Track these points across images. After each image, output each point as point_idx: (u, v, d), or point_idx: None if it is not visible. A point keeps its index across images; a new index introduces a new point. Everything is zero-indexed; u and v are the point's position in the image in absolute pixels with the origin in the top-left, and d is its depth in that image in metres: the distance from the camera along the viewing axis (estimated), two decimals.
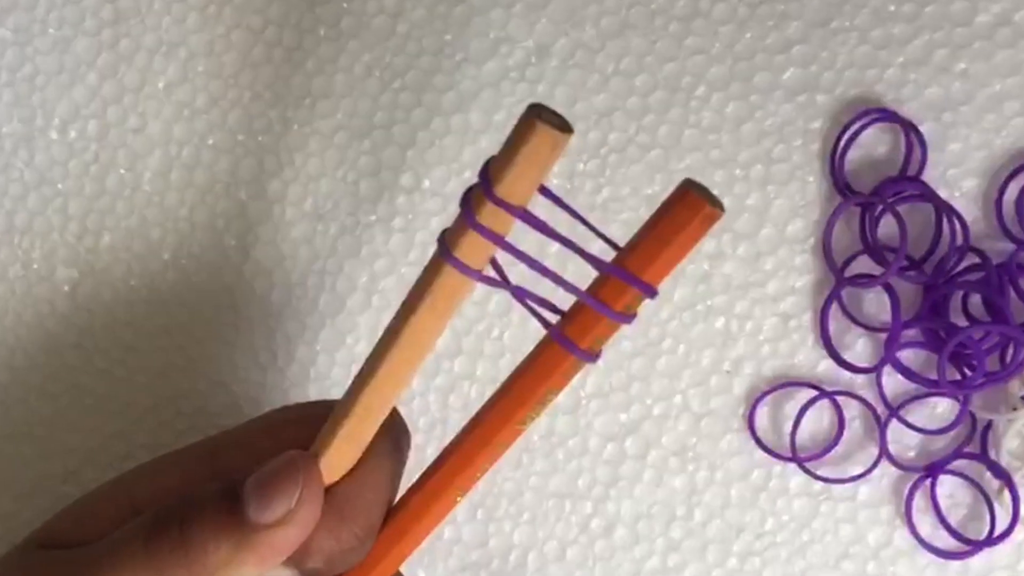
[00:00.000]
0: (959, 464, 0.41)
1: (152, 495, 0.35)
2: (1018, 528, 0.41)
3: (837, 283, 0.41)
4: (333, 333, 0.45)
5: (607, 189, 0.43)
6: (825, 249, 0.42)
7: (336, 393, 0.44)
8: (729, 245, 0.43)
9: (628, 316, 0.28)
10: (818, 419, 0.43)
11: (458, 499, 0.32)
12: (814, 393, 0.42)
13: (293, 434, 0.33)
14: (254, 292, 0.45)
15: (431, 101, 0.44)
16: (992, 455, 0.41)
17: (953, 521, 0.42)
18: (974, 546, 0.41)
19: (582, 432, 0.44)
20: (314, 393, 0.45)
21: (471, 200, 0.27)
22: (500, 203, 0.26)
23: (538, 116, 0.25)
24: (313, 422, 0.32)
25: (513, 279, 0.28)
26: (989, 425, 0.41)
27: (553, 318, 0.29)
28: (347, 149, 0.44)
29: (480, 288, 0.28)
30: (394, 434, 0.33)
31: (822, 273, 0.42)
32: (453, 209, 0.44)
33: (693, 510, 0.43)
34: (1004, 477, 0.41)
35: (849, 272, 0.42)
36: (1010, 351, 0.40)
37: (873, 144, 0.42)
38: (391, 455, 0.33)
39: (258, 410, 0.45)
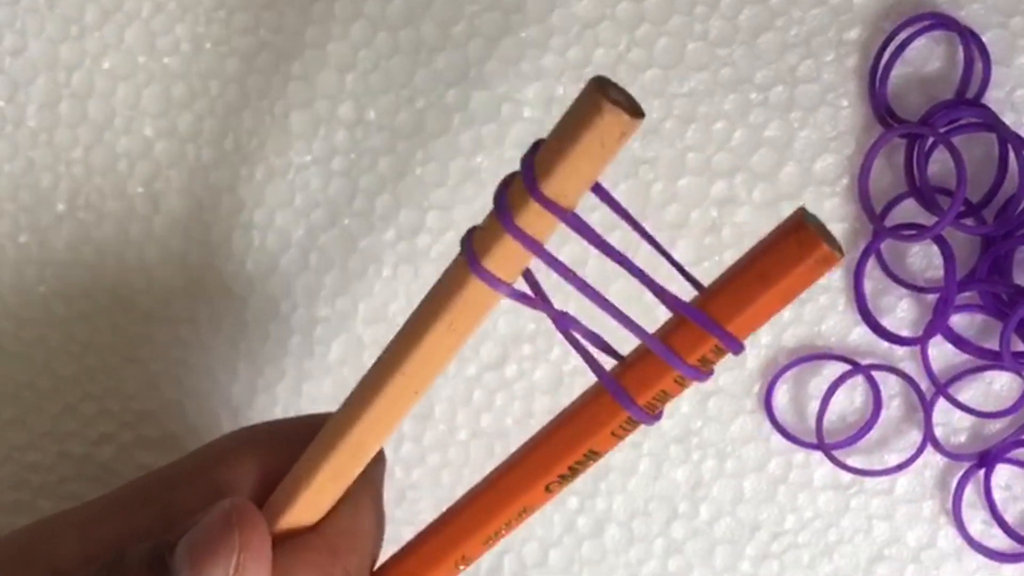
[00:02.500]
0: (1019, 452, 0.36)
1: (80, 555, 0.29)
2: None
3: (876, 233, 0.35)
4: (264, 299, 0.37)
5: None
6: (861, 192, 0.35)
7: (270, 372, 0.37)
8: (743, 187, 0.36)
9: (703, 373, 0.23)
10: (849, 398, 0.36)
11: (461, 568, 0.28)
12: (845, 367, 0.36)
13: (260, 460, 0.29)
14: (168, 250, 0.38)
15: (374, 12, 0.36)
16: None
17: (1010, 519, 0.36)
18: None
19: None
20: (245, 371, 0.38)
21: (508, 196, 0.22)
22: (547, 203, 0.21)
23: (604, 94, 0.20)
24: (283, 444, 0.29)
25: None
26: None
27: (604, 361, 0.24)
28: (273, 73, 0.37)
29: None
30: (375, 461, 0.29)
31: (858, 221, 0.36)
32: (404, 148, 0.37)
33: (698, 506, 0.37)
34: None
35: (891, 221, 0.35)
36: None
37: (923, 59, 0.35)
38: (376, 484, 0.30)
39: (179, 389, 0.38)
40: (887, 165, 0.35)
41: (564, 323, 0.24)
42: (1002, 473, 0.36)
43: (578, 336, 0.24)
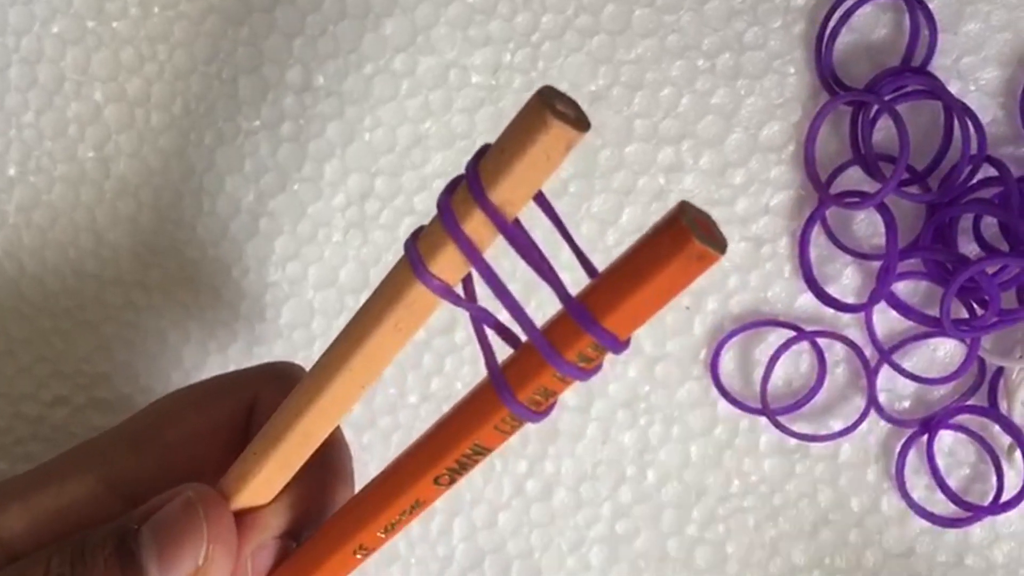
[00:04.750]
0: (962, 418, 0.36)
1: (24, 527, 0.29)
2: None
3: (821, 201, 0.35)
4: (215, 265, 0.37)
5: (540, 85, 0.35)
6: (807, 159, 0.35)
7: (221, 334, 0.37)
8: (689, 154, 0.35)
9: (582, 370, 0.22)
10: (794, 364, 0.36)
11: (358, 557, 0.27)
12: (790, 334, 0.36)
13: (200, 419, 0.30)
14: (118, 214, 0.37)
15: None
16: (1002, 408, 0.35)
17: (953, 483, 0.36)
18: (977, 512, 0.35)
19: None
20: (196, 334, 0.38)
21: (454, 203, 0.22)
22: (493, 213, 0.21)
23: (550, 107, 0.20)
24: (219, 400, 0.30)
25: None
26: (1000, 373, 0.35)
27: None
28: (220, 38, 0.36)
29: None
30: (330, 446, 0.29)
31: (803, 188, 0.35)
32: (352, 114, 0.36)
33: (645, 470, 0.37)
34: (1016, 434, 0.35)
35: (836, 188, 0.35)
36: None
37: (869, 26, 0.35)
38: (330, 467, 0.30)
39: (131, 351, 0.38)
40: (833, 133, 0.35)
41: (480, 317, 0.23)
42: (945, 439, 0.36)
43: (489, 330, 0.24)
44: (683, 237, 0.20)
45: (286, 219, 0.37)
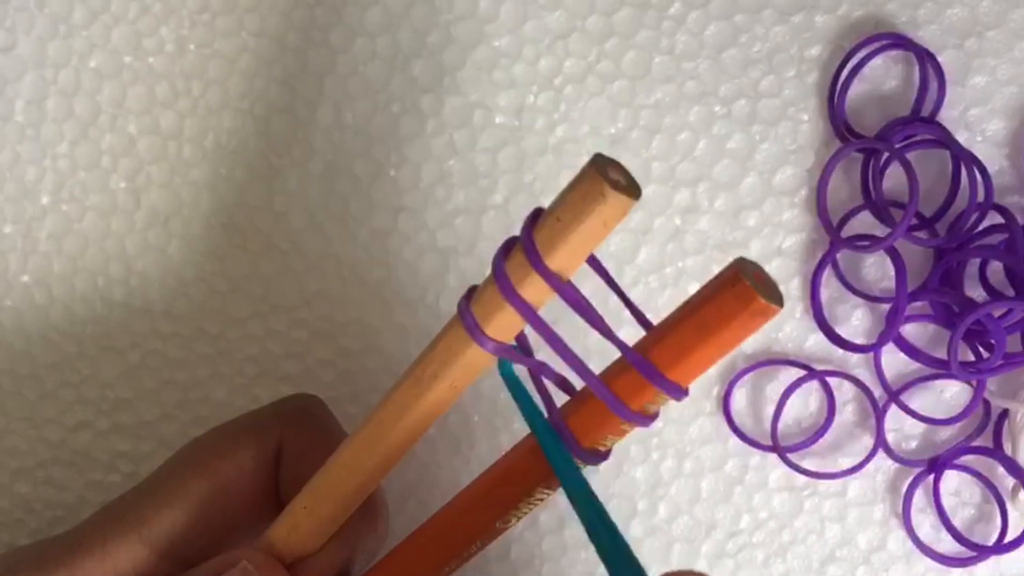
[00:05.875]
0: (968, 459, 0.37)
1: None
2: None
3: (832, 244, 0.36)
4: (242, 298, 0.38)
5: (562, 128, 0.36)
6: (819, 203, 0.36)
7: (247, 368, 0.38)
8: (705, 196, 0.36)
9: (645, 418, 0.24)
10: (804, 403, 0.37)
11: None
12: (801, 373, 0.37)
13: (242, 463, 0.31)
14: (148, 244, 0.38)
15: (353, 18, 0.37)
16: (1007, 449, 0.36)
17: (958, 523, 0.37)
18: (981, 552, 0.36)
19: None
20: (223, 367, 0.38)
21: (509, 267, 0.23)
22: (549, 277, 0.22)
23: (605, 175, 0.21)
24: (263, 437, 0.31)
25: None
26: (1005, 415, 0.36)
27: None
28: (254, 77, 0.37)
29: None
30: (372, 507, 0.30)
31: (815, 232, 0.36)
32: (379, 152, 0.37)
33: (657, 504, 0.38)
34: (1020, 475, 0.35)
35: (847, 231, 0.36)
36: None
37: (881, 77, 0.36)
38: (371, 516, 0.31)
39: (156, 378, 0.39)
40: (845, 178, 0.36)
41: (540, 370, 0.24)
42: (951, 479, 0.36)
43: (546, 381, 0.25)
44: (747, 295, 0.21)
45: (314, 256, 0.38)
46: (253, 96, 0.37)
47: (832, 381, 0.37)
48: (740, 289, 0.21)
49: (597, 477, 0.38)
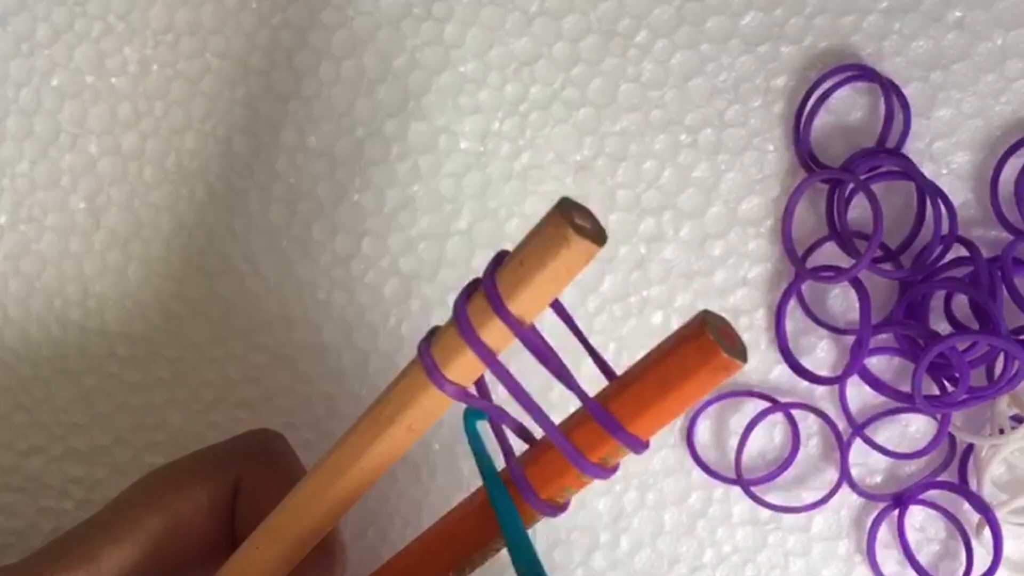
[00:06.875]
0: (933, 494, 0.36)
1: None
2: (1000, 571, 0.34)
3: (797, 275, 0.36)
4: (200, 321, 0.37)
5: (527, 154, 0.36)
6: (784, 234, 0.36)
7: (204, 393, 0.37)
8: (670, 225, 0.36)
9: (605, 470, 0.23)
10: (768, 436, 0.37)
11: None
12: (765, 405, 0.36)
13: (198, 499, 0.30)
14: (106, 265, 0.38)
15: (318, 42, 0.37)
16: (972, 485, 0.35)
17: (923, 559, 0.36)
18: None
19: None
20: (180, 392, 0.38)
21: (470, 309, 0.22)
22: (510, 321, 0.22)
23: (570, 220, 0.20)
24: (220, 473, 0.30)
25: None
26: (970, 450, 0.36)
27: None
28: (217, 98, 0.37)
29: None
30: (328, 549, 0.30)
31: (780, 262, 0.36)
32: (343, 176, 0.37)
33: (619, 537, 0.37)
34: (985, 511, 0.35)
35: (812, 262, 0.36)
36: (999, 364, 0.34)
37: (846, 108, 0.36)
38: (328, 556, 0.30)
39: (113, 404, 0.38)
40: (810, 209, 0.36)
41: (499, 417, 0.24)
42: (916, 514, 0.36)
43: (506, 428, 0.24)
44: (710, 349, 0.20)
45: (276, 278, 0.37)
46: (216, 118, 0.37)
47: (797, 413, 0.36)
48: (703, 343, 0.21)
49: None
